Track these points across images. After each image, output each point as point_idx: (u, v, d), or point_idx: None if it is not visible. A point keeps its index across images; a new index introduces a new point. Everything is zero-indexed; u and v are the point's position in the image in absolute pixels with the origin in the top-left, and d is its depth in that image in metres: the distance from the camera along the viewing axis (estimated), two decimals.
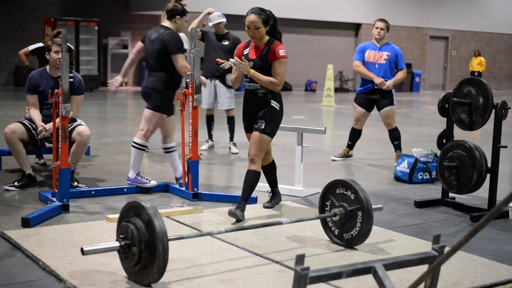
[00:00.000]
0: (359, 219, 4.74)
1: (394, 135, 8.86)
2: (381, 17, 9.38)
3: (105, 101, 19.36)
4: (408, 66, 28.29)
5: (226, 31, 9.47)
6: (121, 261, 4.06)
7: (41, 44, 7.90)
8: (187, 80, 6.38)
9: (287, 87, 25.36)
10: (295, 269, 3.30)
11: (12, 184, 6.54)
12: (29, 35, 21.79)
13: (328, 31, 27.07)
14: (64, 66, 5.61)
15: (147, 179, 6.70)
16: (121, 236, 3.96)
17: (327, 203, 4.97)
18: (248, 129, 5.84)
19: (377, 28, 8.92)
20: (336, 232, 4.93)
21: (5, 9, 22.10)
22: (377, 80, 8.68)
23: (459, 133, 6.79)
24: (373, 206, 4.85)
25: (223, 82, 9.38)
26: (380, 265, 3.59)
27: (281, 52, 5.63)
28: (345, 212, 4.80)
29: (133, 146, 6.74)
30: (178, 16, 6.71)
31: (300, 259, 3.33)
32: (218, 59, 9.15)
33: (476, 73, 26.68)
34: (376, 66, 8.82)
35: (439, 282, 4.01)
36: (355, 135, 9.17)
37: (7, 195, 6.35)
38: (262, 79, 5.61)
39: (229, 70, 9.35)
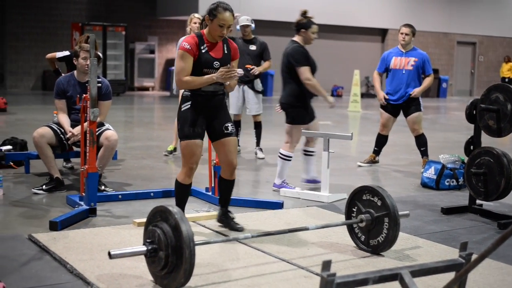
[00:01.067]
0: (386, 225, 4.73)
1: (421, 141, 8.79)
2: (408, 22, 9.30)
3: (132, 105, 19.48)
4: (435, 71, 28.08)
5: (253, 36, 9.49)
6: (148, 265, 4.08)
7: (68, 53, 7.98)
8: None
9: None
10: (321, 275, 3.30)
11: (40, 188, 6.61)
12: (57, 40, 22.02)
13: (354, 37, 27.04)
14: (93, 71, 5.66)
15: (292, 186, 7.06)
16: (148, 240, 3.98)
17: (353, 209, 4.96)
18: (199, 136, 5.14)
19: (402, 33, 8.83)
20: (363, 238, 4.92)
21: (33, 14, 22.35)
22: (382, 96, 8.87)
23: (487, 140, 6.74)
24: (399, 213, 4.83)
25: (252, 87, 9.43)
26: (406, 272, 3.58)
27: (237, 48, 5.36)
28: (371, 218, 4.79)
29: (279, 156, 7.16)
30: (303, 30, 7.06)
31: (326, 265, 3.33)
32: (248, 66, 9.15)
33: (506, 79, 26.33)
34: (403, 72, 8.74)
35: None
36: (381, 140, 9.12)
37: (35, 199, 6.42)
38: None
39: (258, 76, 9.39)
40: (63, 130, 6.72)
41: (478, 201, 6.46)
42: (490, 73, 30.83)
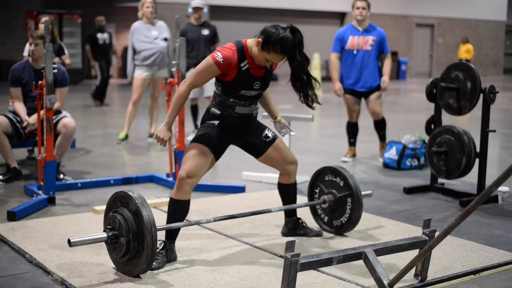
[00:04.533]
0: (349, 205, 4.71)
1: (382, 125, 8.20)
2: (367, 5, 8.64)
3: (88, 94, 19.20)
4: (394, 54, 28.29)
5: (203, 20, 9.42)
6: (109, 252, 4.00)
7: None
8: (172, 69, 6.32)
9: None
10: (285, 256, 3.27)
11: None
12: (11, 30, 21.62)
13: (313, 20, 27.01)
14: (48, 57, 5.53)
15: None
16: (108, 226, 3.90)
17: (316, 190, 4.93)
18: (213, 147, 4.26)
19: (358, 8, 7.84)
20: (326, 219, 4.89)
21: None
22: (336, 88, 7.95)
23: (447, 119, 6.76)
24: (362, 193, 4.81)
25: None
26: (370, 251, 3.56)
27: None
28: (334, 199, 4.76)
29: None
30: None
31: (290, 246, 3.30)
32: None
33: (464, 61, 26.60)
34: (355, 53, 7.83)
35: (430, 267, 4.00)
36: (352, 130, 8.23)
37: None
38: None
39: None
40: (19, 119, 6.57)
41: (440, 180, 6.48)
42: (449, 54, 31.08)
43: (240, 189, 6.30)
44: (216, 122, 4.32)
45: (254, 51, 4.14)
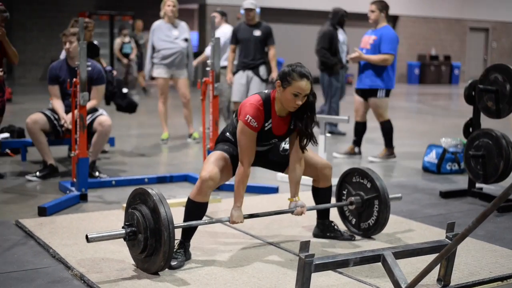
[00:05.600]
0: (376, 208, 4.63)
1: (384, 129, 8.09)
2: (420, 8, 8.66)
3: (140, 94, 19.40)
4: (447, 58, 27.91)
5: (257, 20, 9.24)
6: (129, 249, 4.01)
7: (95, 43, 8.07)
8: (207, 69, 6.30)
9: (317, 79, 25.17)
10: (299, 256, 3.21)
11: (34, 175, 6.55)
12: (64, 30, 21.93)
13: (359, 23, 26.79)
14: (82, 55, 5.57)
15: None
16: (127, 223, 3.90)
17: (343, 191, 4.86)
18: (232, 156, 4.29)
19: (368, 11, 7.99)
20: (354, 221, 4.82)
21: (40, 3, 22.31)
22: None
23: (488, 122, 6.60)
24: (392, 196, 4.73)
25: (257, 73, 9.08)
26: (389, 253, 3.48)
27: None
28: (361, 200, 4.69)
29: None
30: None
31: (304, 246, 3.24)
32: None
33: None
34: (357, 50, 7.89)
35: (456, 272, 3.91)
36: (358, 128, 8.29)
37: (29, 185, 6.36)
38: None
39: (263, 62, 9.16)
40: (57, 116, 6.64)
41: (478, 185, 6.33)
42: (503, 59, 30.46)
43: (273, 190, 6.26)
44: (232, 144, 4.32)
45: (281, 97, 4.07)
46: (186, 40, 9.17)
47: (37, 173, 6.56)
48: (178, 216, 4.23)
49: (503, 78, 5.84)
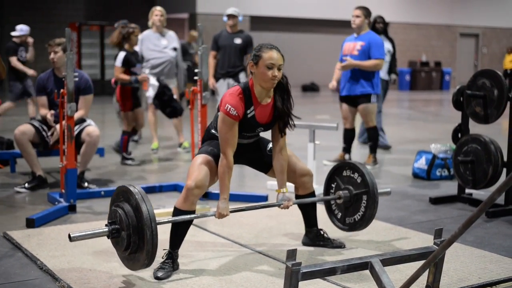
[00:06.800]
0: (364, 203, 4.60)
1: (370, 135, 8.11)
2: (409, 15, 8.63)
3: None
4: (438, 64, 27.98)
5: (239, 29, 9.35)
6: (114, 247, 3.94)
7: (123, 53, 8.01)
8: (195, 78, 6.29)
9: (314, 88, 25.23)
10: (286, 265, 3.19)
11: (23, 186, 6.52)
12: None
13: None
14: (69, 65, 5.56)
15: None
16: (110, 221, 3.86)
17: (332, 185, 4.82)
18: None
19: (352, 16, 7.93)
20: (339, 215, 4.78)
21: (30, 14, 22.27)
22: (330, 85, 8.31)
23: (475, 128, 6.61)
24: (380, 190, 4.71)
25: (237, 81, 9.18)
26: (377, 260, 3.46)
27: None
28: (350, 195, 4.66)
29: None
30: None
31: (291, 254, 3.22)
32: None
33: (509, 71, 25.98)
34: (347, 58, 7.80)
35: (445, 278, 3.91)
36: (347, 135, 8.24)
37: (18, 197, 6.33)
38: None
39: (243, 69, 9.23)
40: (45, 127, 6.61)
41: (468, 190, 6.33)
42: (494, 64, 30.55)
43: (263, 198, 6.24)
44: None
45: (257, 76, 4.10)
46: (175, 49, 9.18)
47: (26, 185, 6.53)
48: (167, 226, 4.20)
49: (491, 83, 5.86)
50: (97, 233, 3.81)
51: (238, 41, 9.20)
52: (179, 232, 4.13)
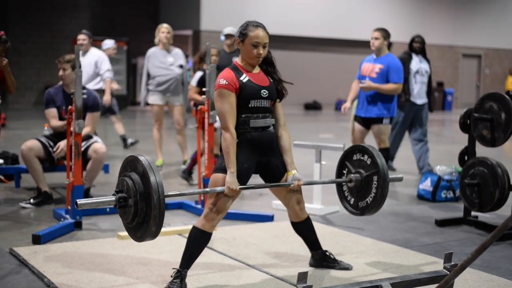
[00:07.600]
0: (375, 184, 4.55)
1: (385, 156, 7.85)
2: (412, 35, 8.61)
3: (133, 119, 19.42)
4: (440, 84, 28.01)
5: (236, 47, 9.33)
6: (121, 218, 3.89)
7: (200, 73, 7.94)
8: (203, 96, 6.30)
9: (316, 106, 25.26)
10: (296, 287, 3.19)
11: (28, 202, 6.52)
12: (59, 55, 21.84)
13: (358, 50, 26.96)
14: (77, 82, 5.58)
15: None
16: (117, 190, 3.82)
17: (343, 171, 4.81)
18: (247, 174, 4.31)
19: (371, 38, 7.81)
20: (352, 201, 4.74)
21: (35, 29, 22.36)
22: (342, 107, 8.17)
23: (483, 150, 6.61)
24: (392, 176, 4.71)
25: None
26: (387, 284, 3.47)
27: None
28: (361, 178, 4.62)
29: None
30: None
31: (302, 277, 3.22)
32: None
33: (511, 92, 25.98)
34: (367, 81, 7.75)
35: None
36: None
37: (23, 213, 6.32)
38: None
39: None
40: (51, 143, 6.63)
41: (473, 213, 6.33)
42: (496, 85, 30.63)
43: (269, 218, 6.23)
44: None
45: (242, 56, 4.34)
46: (181, 66, 9.20)
47: (31, 200, 6.53)
48: (173, 244, 4.20)
49: (498, 106, 5.86)
50: (104, 202, 3.78)
51: (236, 59, 9.16)
52: (194, 251, 4.14)
